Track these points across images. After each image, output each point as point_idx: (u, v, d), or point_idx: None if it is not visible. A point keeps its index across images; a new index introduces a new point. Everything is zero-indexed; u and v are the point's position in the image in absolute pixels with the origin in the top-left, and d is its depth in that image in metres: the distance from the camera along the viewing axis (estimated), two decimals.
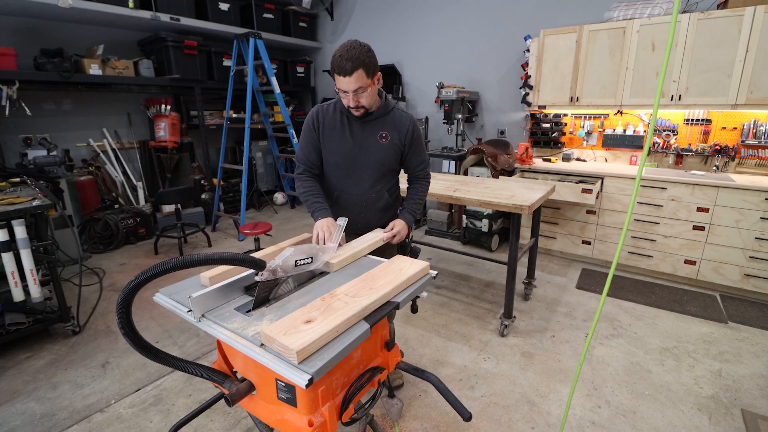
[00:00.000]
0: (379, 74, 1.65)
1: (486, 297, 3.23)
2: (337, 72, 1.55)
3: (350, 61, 1.50)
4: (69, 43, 4.19)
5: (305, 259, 1.26)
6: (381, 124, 1.77)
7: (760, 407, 2.05)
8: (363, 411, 1.24)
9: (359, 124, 1.76)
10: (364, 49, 1.54)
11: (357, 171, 1.80)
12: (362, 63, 1.52)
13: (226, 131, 5.02)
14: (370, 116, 1.75)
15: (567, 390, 2.17)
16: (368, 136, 1.76)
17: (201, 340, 2.67)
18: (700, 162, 3.60)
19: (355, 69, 1.51)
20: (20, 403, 2.11)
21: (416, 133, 1.82)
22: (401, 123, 1.79)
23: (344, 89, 1.58)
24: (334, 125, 1.76)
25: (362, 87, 1.57)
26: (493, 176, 3.86)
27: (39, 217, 2.59)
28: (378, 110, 1.75)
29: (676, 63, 3.29)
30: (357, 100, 1.62)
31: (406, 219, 1.82)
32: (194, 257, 0.97)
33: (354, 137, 1.76)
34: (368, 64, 1.54)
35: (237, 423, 1.97)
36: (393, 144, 1.78)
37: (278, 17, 5.73)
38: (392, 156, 1.80)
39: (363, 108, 1.67)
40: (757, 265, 3.04)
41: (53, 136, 4.27)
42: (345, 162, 1.79)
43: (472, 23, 4.73)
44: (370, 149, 1.77)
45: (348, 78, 1.53)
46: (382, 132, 1.76)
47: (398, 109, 1.82)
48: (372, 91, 1.63)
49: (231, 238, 4.74)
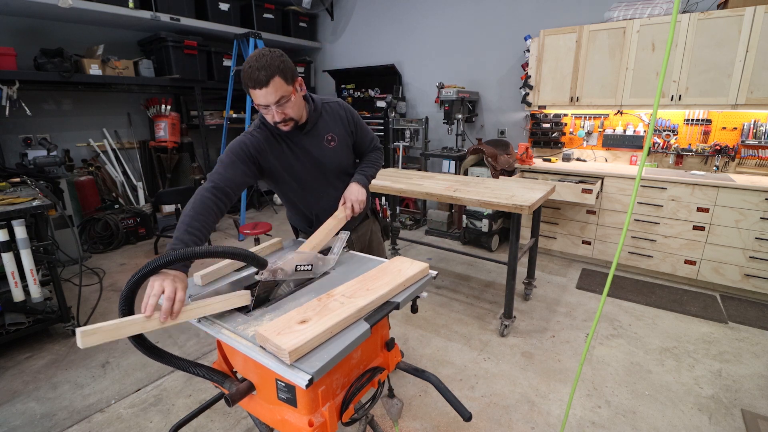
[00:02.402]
0: (300, 80, 1.46)
1: (486, 297, 3.23)
2: (251, 86, 1.34)
3: (263, 70, 1.30)
4: (69, 43, 4.19)
5: (305, 266, 1.26)
6: (322, 127, 1.60)
7: (760, 407, 2.05)
8: (363, 411, 1.25)
9: (300, 137, 1.56)
10: (275, 55, 1.35)
11: (325, 183, 1.66)
12: (277, 69, 1.32)
13: (226, 131, 5.03)
14: (306, 126, 1.55)
15: (567, 390, 2.17)
16: (316, 146, 1.59)
17: (201, 340, 2.67)
18: (700, 162, 3.60)
19: (271, 77, 1.31)
20: (20, 403, 2.11)
21: (355, 116, 1.69)
22: (338, 115, 1.64)
23: (264, 103, 1.37)
24: (282, 151, 1.55)
25: (284, 96, 1.37)
26: (493, 176, 3.86)
27: (39, 217, 2.59)
28: (311, 116, 1.56)
29: (676, 63, 3.29)
30: (283, 113, 1.40)
31: (359, 180, 1.65)
32: (198, 250, 0.97)
33: (306, 153, 1.58)
34: (284, 70, 1.35)
35: (237, 423, 1.97)
36: (342, 142, 1.65)
37: (278, 17, 5.73)
38: (346, 154, 1.69)
39: (292, 120, 1.46)
40: (757, 265, 3.04)
41: (53, 136, 4.27)
42: (312, 180, 1.63)
43: (472, 23, 4.73)
44: (326, 158, 1.62)
45: (266, 89, 1.32)
46: (327, 135, 1.61)
47: (326, 103, 1.64)
48: (297, 100, 1.43)
49: (231, 238, 4.74)
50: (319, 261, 1.33)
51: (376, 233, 1.93)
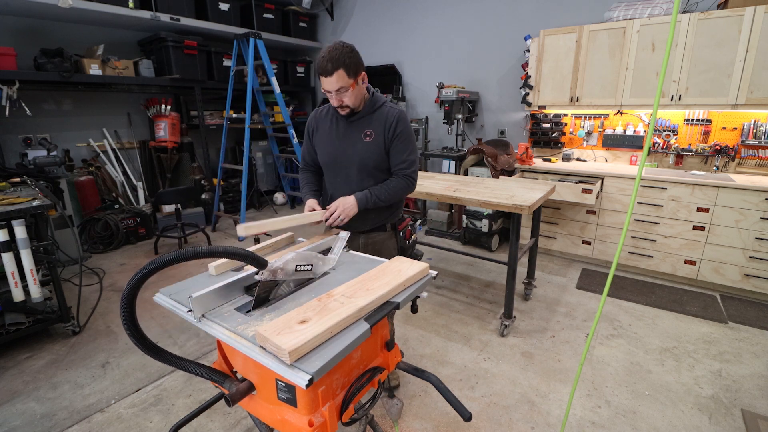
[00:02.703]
0: (363, 74, 1.65)
1: (486, 297, 3.23)
2: (320, 73, 1.58)
3: (331, 62, 1.53)
4: (69, 43, 4.19)
5: (305, 266, 1.26)
6: (367, 122, 1.75)
7: (760, 407, 2.05)
8: (363, 411, 1.25)
9: (345, 123, 1.77)
10: (345, 50, 1.55)
11: (343, 170, 1.80)
12: (342, 63, 1.54)
13: (226, 131, 5.02)
14: (355, 115, 1.75)
15: (567, 390, 2.17)
16: (353, 135, 1.76)
17: (201, 340, 2.67)
18: (700, 162, 3.60)
19: (336, 69, 1.54)
20: (20, 403, 2.11)
21: (400, 129, 1.73)
22: (386, 119, 1.74)
23: (327, 89, 1.61)
24: (325, 127, 1.82)
25: (344, 87, 1.59)
26: (493, 176, 3.86)
27: (39, 217, 2.59)
28: (364, 109, 1.74)
29: (676, 63, 3.29)
30: (340, 100, 1.64)
31: (357, 196, 1.69)
32: (198, 249, 0.97)
33: (339, 137, 1.78)
34: (349, 65, 1.56)
35: (237, 423, 1.97)
36: (376, 141, 1.74)
37: (278, 17, 5.73)
38: (375, 154, 1.74)
39: (348, 107, 1.68)
40: (757, 265, 3.04)
41: (53, 136, 4.27)
42: (332, 162, 1.81)
43: (472, 23, 4.73)
44: (354, 148, 1.75)
45: (329, 78, 1.56)
46: (367, 130, 1.75)
47: (388, 105, 1.77)
48: (355, 91, 1.64)
49: (231, 238, 4.74)
50: (319, 261, 1.33)
51: (388, 248, 1.90)
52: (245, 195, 4.77)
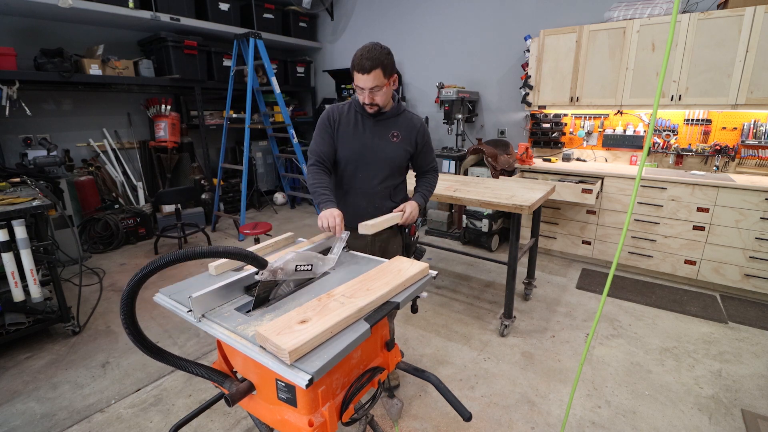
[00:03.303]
0: (395, 76, 1.73)
1: (486, 297, 3.23)
2: (356, 69, 1.64)
3: (369, 60, 1.60)
4: (69, 43, 4.19)
5: (305, 266, 1.26)
6: (393, 123, 1.84)
7: (760, 407, 2.05)
8: (363, 411, 1.25)
9: (372, 122, 1.82)
10: (384, 51, 1.64)
11: (367, 166, 1.85)
12: (380, 63, 1.61)
13: (226, 131, 5.02)
14: (382, 115, 1.81)
15: (567, 390, 2.17)
16: (380, 134, 1.83)
17: (201, 340, 2.67)
18: (700, 162, 3.60)
19: (374, 68, 1.61)
20: (20, 403, 2.11)
21: (426, 135, 1.92)
22: (412, 124, 1.87)
23: (361, 86, 1.66)
24: (349, 122, 1.83)
25: (378, 86, 1.65)
26: (493, 176, 3.86)
27: (39, 217, 2.59)
28: (391, 111, 1.83)
29: (676, 63, 3.29)
30: (372, 98, 1.70)
31: (417, 200, 1.89)
32: (198, 250, 0.97)
33: (366, 134, 1.82)
34: (386, 65, 1.64)
35: (237, 423, 1.97)
36: (403, 144, 1.85)
37: (278, 17, 5.73)
38: (402, 155, 1.86)
39: (377, 106, 1.74)
40: (757, 265, 3.04)
41: (53, 136, 4.27)
42: (357, 157, 1.83)
43: (472, 23, 4.73)
44: (382, 146, 1.83)
45: (366, 75, 1.62)
46: (394, 131, 1.84)
47: (409, 112, 1.91)
48: (387, 91, 1.71)
49: (231, 238, 4.74)
50: (319, 261, 1.33)
51: (394, 245, 1.99)
52: (245, 195, 4.77)
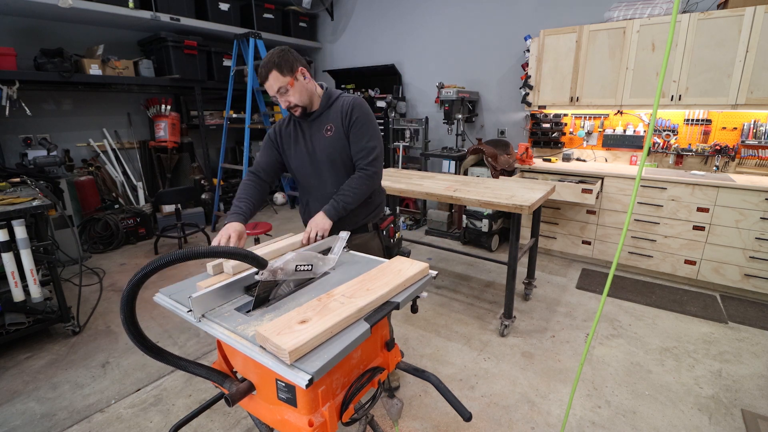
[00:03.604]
0: (301, 69, 1.63)
1: (486, 297, 3.23)
2: (260, 83, 1.65)
3: (264, 67, 1.59)
4: (69, 43, 4.19)
5: (305, 266, 1.26)
6: (326, 117, 1.73)
7: (760, 407, 2.05)
8: (363, 411, 1.25)
9: (307, 125, 1.76)
10: (276, 52, 1.59)
11: (315, 172, 1.78)
12: (274, 64, 1.57)
13: (226, 131, 5.03)
14: (314, 114, 1.73)
15: (567, 390, 2.17)
16: (316, 135, 1.74)
17: (201, 340, 2.67)
18: (700, 162, 3.60)
19: (269, 72, 1.58)
20: (20, 403, 2.11)
21: (356, 115, 1.68)
22: (341, 108, 1.71)
23: (271, 93, 1.64)
24: (289, 133, 1.80)
25: (282, 86, 1.60)
26: (493, 176, 3.86)
27: (39, 217, 2.59)
28: (321, 106, 1.73)
29: (676, 63, 3.29)
30: (287, 100, 1.64)
31: (325, 210, 1.66)
32: (198, 250, 0.97)
33: (305, 140, 1.76)
34: (280, 64, 1.57)
35: (237, 423, 1.97)
36: (338, 134, 1.71)
37: (278, 17, 5.73)
38: (340, 147, 1.72)
39: (297, 106, 1.66)
40: (757, 265, 3.04)
41: (53, 136, 4.27)
42: (304, 167, 1.79)
43: (472, 23, 4.73)
44: (319, 146, 1.73)
45: (267, 83, 1.60)
46: (327, 125, 1.72)
47: (343, 96, 1.76)
48: (297, 88, 1.62)
49: None
50: (319, 261, 1.33)
51: (372, 249, 1.84)
52: None
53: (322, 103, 1.73)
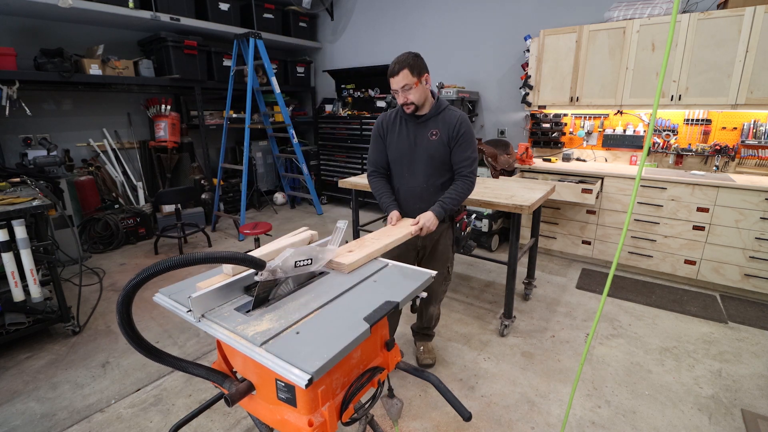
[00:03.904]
0: (427, 75, 1.88)
1: (486, 297, 3.23)
2: (389, 75, 1.85)
3: (397, 64, 1.81)
4: (69, 43, 4.19)
5: (305, 261, 1.26)
6: (433, 122, 1.96)
7: (760, 407, 2.05)
8: (363, 411, 1.25)
9: (414, 124, 1.99)
10: (410, 54, 1.84)
11: (412, 166, 2.01)
12: (407, 64, 1.80)
13: (226, 131, 5.03)
14: (422, 117, 1.96)
15: (567, 390, 2.17)
16: (421, 134, 1.97)
17: (201, 340, 2.67)
18: (700, 162, 3.60)
19: (401, 69, 1.80)
20: (20, 403, 2.11)
21: (463, 130, 1.93)
22: (450, 120, 1.94)
23: (394, 88, 1.86)
24: (394, 129, 2.04)
25: (408, 84, 1.82)
26: (493, 176, 3.86)
27: (39, 217, 2.59)
28: (430, 111, 1.96)
29: (676, 63, 3.29)
30: (406, 97, 1.87)
31: (435, 211, 1.91)
32: (195, 255, 0.97)
33: (409, 136, 2.00)
34: (413, 66, 1.81)
35: (237, 423, 1.97)
36: (441, 140, 1.95)
37: (278, 17, 5.73)
38: (441, 151, 1.96)
39: (413, 104, 1.89)
40: (757, 265, 3.04)
41: (53, 136, 4.27)
42: (402, 158, 2.02)
43: (472, 23, 4.73)
44: (422, 146, 1.97)
45: (395, 78, 1.83)
46: (433, 130, 1.95)
47: (450, 109, 1.98)
48: (419, 89, 1.86)
49: (231, 238, 4.74)
50: (318, 254, 1.33)
51: (445, 238, 2.10)
52: (245, 195, 4.77)
53: (433, 109, 1.96)
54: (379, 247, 1.55)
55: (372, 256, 1.49)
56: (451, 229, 2.12)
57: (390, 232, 1.75)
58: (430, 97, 1.96)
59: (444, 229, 2.09)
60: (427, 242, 2.10)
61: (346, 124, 5.58)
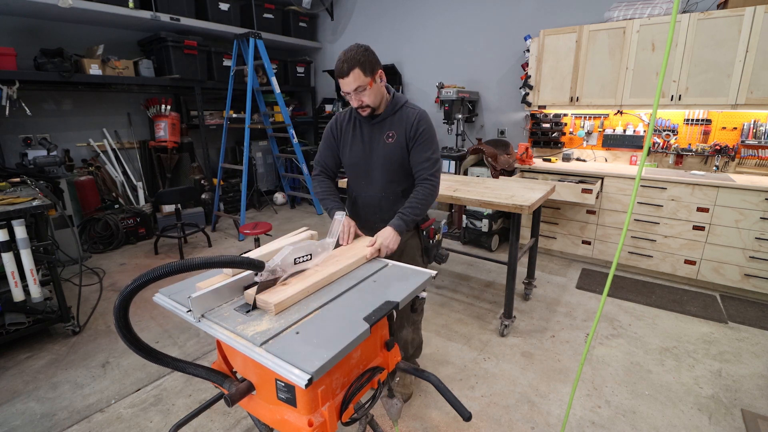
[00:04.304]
0: (380, 72, 1.66)
1: (486, 297, 3.23)
2: (337, 75, 1.62)
3: (346, 63, 1.57)
4: (69, 43, 4.19)
5: (304, 257, 1.26)
6: (389, 123, 1.77)
7: (760, 407, 2.05)
8: (363, 411, 1.25)
9: (369, 126, 1.79)
10: (360, 50, 1.58)
11: (368, 172, 1.82)
12: (358, 62, 1.56)
13: (226, 131, 5.02)
14: (378, 117, 1.76)
15: (567, 390, 2.17)
16: (376, 137, 1.78)
17: (201, 340, 2.67)
18: (700, 162, 3.60)
19: (351, 69, 1.56)
20: (20, 403, 2.11)
21: (421, 128, 1.72)
22: (407, 119, 1.74)
23: (345, 90, 1.63)
24: (348, 131, 1.84)
25: (361, 86, 1.60)
26: (493, 176, 3.86)
27: (39, 217, 2.59)
28: (386, 110, 1.76)
29: (676, 63, 3.29)
30: (360, 99, 1.65)
31: (394, 225, 1.64)
32: (192, 261, 0.96)
33: (364, 140, 1.80)
34: (364, 63, 1.58)
35: (237, 423, 1.97)
36: (398, 142, 1.75)
37: (278, 17, 5.73)
38: (399, 155, 1.76)
39: (368, 107, 1.69)
40: (757, 265, 3.04)
41: (53, 136, 4.27)
42: (357, 164, 1.84)
43: (472, 23, 4.73)
44: (378, 149, 1.78)
45: (346, 79, 1.59)
46: (390, 132, 1.76)
47: (408, 106, 1.78)
48: (374, 90, 1.65)
49: (231, 238, 4.74)
50: (317, 248, 1.32)
51: (411, 248, 1.87)
52: (245, 195, 4.77)
53: (388, 108, 1.75)
54: (319, 279, 1.26)
55: (309, 291, 1.22)
56: (418, 238, 1.90)
57: (339, 259, 1.42)
58: (386, 95, 1.74)
59: (408, 238, 1.85)
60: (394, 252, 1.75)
61: None
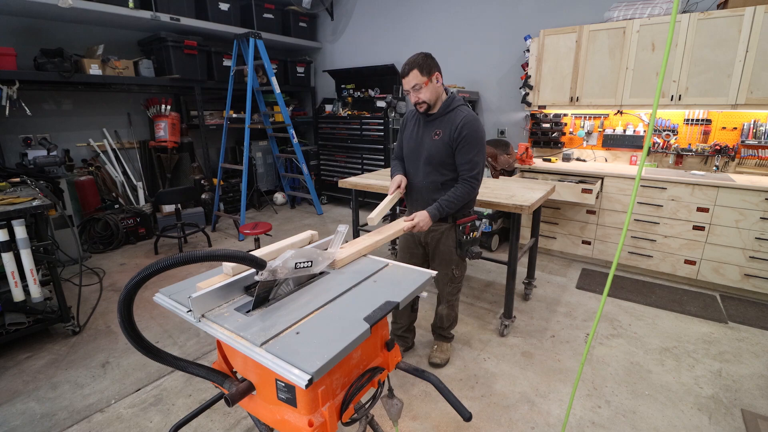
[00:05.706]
0: (437, 74, 1.91)
1: (486, 297, 3.23)
2: (401, 76, 1.93)
3: (407, 65, 1.88)
4: (69, 43, 4.19)
5: (305, 263, 1.26)
6: (439, 122, 1.99)
7: (760, 407, 2.05)
8: (363, 411, 1.25)
9: (424, 123, 2.05)
10: (421, 55, 1.89)
11: (414, 163, 2.09)
12: (416, 64, 1.86)
13: (226, 131, 5.02)
14: (432, 116, 2.01)
15: (567, 390, 2.17)
16: (427, 133, 2.03)
17: (201, 340, 2.67)
18: (700, 162, 3.60)
19: (411, 70, 1.86)
20: (20, 403, 2.11)
21: (465, 132, 1.91)
22: (453, 121, 1.94)
23: (406, 88, 1.93)
24: (410, 125, 2.14)
25: (418, 83, 1.87)
26: (493, 176, 3.86)
27: (39, 217, 2.59)
28: (440, 110, 1.98)
29: (676, 63, 3.29)
30: (417, 96, 1.92)
31: (429, 211, 1.93)
32: (196, 254, 0.97)
33: (417, 134, 2.07)
34: (422, 65, 1.86)
35: (237, 423, 1.97)
36: (443, 141, 1.96)
37: (278, 17, 5.73)
38: (442, 152, 1.98)
39: (425, 103, 1.94)
40: (757, 265, 3.04)
41: (53, 136, 4.27)
42: (410, 154, 2.11)
43: (472, 23, 4.74)
44: (425, 144, 2.03)
45: (406, 78, 1.89)
46: (437, 130, 1.99)
47: (459, 109, 1.97)
48: (429, 88, 1.90)
49: (231, 238, 4.74)
50: (318, 256, 1.33)
51: (447, 239, 2.12)
52: (245, 195, 4.77)
53: (441, 108, 1.98)
54: (370, 243, 1.57)
55: (363, 252, 1.51)
56: (454, 231, 2.11)
57: (383, 230, 1.77)
58: (442, 96, 1.99)
59: (446, 230, 2.10)
60: (429, 240, 2.16)
61: (346, 124, 5.58)
